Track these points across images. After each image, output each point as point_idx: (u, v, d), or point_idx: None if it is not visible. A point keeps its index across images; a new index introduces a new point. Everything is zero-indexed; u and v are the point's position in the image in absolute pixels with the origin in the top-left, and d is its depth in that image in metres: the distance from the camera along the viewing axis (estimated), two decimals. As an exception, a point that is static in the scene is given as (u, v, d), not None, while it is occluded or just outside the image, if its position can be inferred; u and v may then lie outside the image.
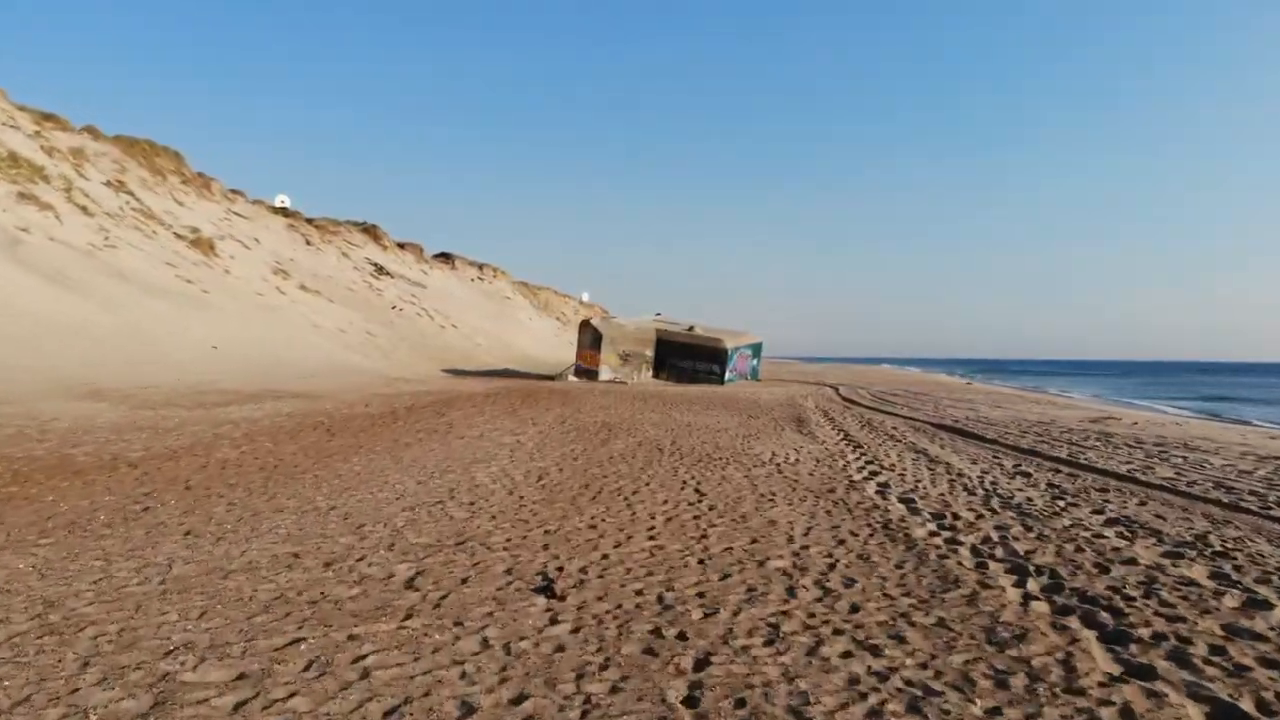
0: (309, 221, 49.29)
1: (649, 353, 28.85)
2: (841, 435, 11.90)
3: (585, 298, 76.64)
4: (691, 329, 29.96)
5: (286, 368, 17.78)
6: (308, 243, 38.86)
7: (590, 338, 28.26)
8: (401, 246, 59.31)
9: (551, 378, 27.59)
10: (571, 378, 27.53)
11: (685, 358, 28.83)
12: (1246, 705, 2.96)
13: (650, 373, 28.90)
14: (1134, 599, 4.17)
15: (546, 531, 5.38)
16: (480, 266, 66.06)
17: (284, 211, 43.95)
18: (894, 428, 13.25)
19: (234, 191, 40.21)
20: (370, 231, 55.56)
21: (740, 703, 2.88)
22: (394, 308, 36.56)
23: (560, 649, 3.33)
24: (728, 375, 28.55)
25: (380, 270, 47.65)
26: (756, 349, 31.24)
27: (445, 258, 65.27)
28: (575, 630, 3.55)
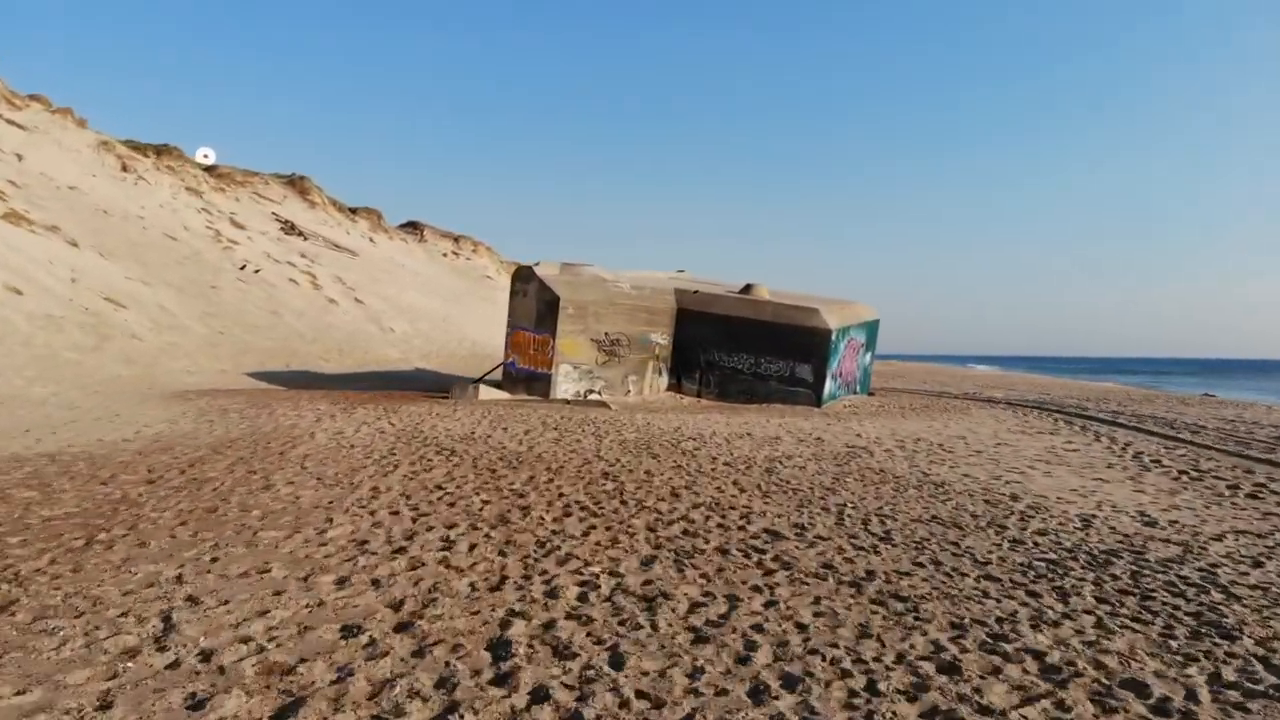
0: (211, 169, 35.74)
1: (661, 338, 13.91)
2: None
3: (593, 281, 61.67)
4: (748, 290, 14.90)
5: None
6: (124, 169, 24.57)
7: (536, 304, 13.33)
8: (354, 211, 45.94)
9: (448, 391, 12.78)
10: (488, 393, 12.63)
11: (739, 348, 13.77)
12: None
13: (664, 377, 14.01)
14: None
15: None
16: (456, 239, 51.94)
17: (163, 152, 30.20)
18: None
19: (32, 96, 26.19)
20: (296, 184, 41.73)
21: None
22: (243, 268, 22.06)
23: None
24: (828, 388, 13.46)
25: (291, 228, 33.75)
26: (871, 333, 16.13)
27: (413, 227, 51.72)
28: None
